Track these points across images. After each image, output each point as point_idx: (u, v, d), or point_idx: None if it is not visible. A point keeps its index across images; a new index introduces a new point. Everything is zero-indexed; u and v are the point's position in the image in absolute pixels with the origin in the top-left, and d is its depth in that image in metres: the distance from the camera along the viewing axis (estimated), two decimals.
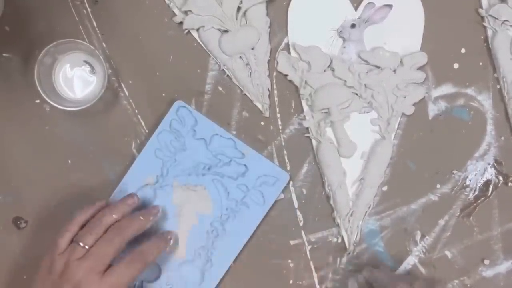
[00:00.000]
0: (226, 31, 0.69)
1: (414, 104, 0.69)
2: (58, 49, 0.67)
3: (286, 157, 0.70)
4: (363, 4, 0.69)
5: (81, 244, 0.61)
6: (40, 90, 0.65)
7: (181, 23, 0.70)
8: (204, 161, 0.69)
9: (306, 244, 0.70)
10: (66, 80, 0.69)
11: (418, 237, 0.69)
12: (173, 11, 0.70)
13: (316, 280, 0.70)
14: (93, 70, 0.68)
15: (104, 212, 0.63)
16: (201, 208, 0.69)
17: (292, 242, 0.70)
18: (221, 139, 0.69)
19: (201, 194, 0.69)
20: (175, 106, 0.69)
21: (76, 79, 0.69)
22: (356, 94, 0.69)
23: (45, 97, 0.65)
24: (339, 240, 0.70)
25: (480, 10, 0.70)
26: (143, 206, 0.68)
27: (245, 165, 0.68)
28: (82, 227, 0.63)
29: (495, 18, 0.68)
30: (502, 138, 0.69)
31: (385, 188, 0.70)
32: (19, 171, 0.70)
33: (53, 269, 0.61)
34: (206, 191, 0.69)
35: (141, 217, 0.64)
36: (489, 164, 0.69)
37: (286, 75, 0.70)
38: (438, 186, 0.69)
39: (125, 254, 0.62)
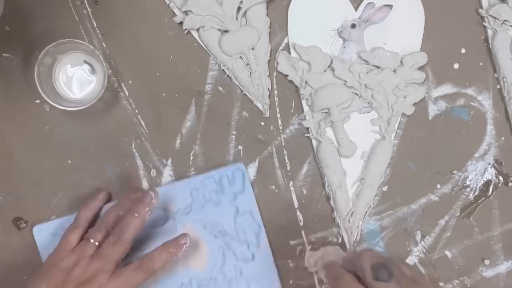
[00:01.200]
0: (226, 31, 0.69)
1: (414, 104, 0.69)
2: (58, 49, 0.67)
3: (286, 157, 0.70)
4: (363, 4, 0.69)
5: (92, 240, 0.62)
6: (40, 90, 0.65)
7: (181, 23, 0.70)
8: (225, 226, 0.68)
9: (306, 244, 0.70)
10: (66, 80, 0.69)
11: (418, 237, 0.69)
12: (173, 11, 0.70)
13: (316, 280, 0.69)
14: (93, 70, 0.68)
15: (111, 210, 0.64)
16: (195, 263, 0.68)
17: (292, 242, 0.70)
18: (250, 219, 0.68)
19: (200, 251, 0.68)
20: (236, 167, 0.69)
21: (76, 79, 0.69)
22: (356, 94, 0.69)
23: (45, 97, 0.65)
24: (339, 240, 0.70)
25: (480, 10, 0.70)
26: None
27: (253, 254, 0.68)
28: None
29: (495, 18, 0.68)
30: (502, 138, 0.69)
31: (385, 188, 0.70)
32: (19, 171, 0.70)
33: (62, 265, 0.61)
34: (206, 250, 0.68)
35: (135, 214, 0.63)
36: (489, 164, 0.69)
37: (286, 75, 0.70)
38: (438, 186, 0.69)
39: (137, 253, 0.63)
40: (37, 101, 0.70)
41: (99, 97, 0.66)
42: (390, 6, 0.69)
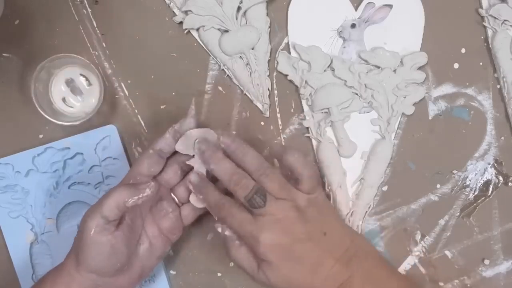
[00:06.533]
0: (226, 31, 0.69)
1: (414, 104, 0.69)
2: (54, 64, 0.66)
3: None
4: (363, 4, 0.69)
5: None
6: (37, 106, 0.65)
7: (181, 23, 0.70)
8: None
9: None
10: (63, 94, 0.68)
11: (418, 237, 0.69)
12: (173, 11, 0.70)
13: None
14: (89, 84, 0.68)
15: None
16: None
17: None
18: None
19: None
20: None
21: (73, 92, 0.68)
22: (356, 94, 0.69)
23: (43, 113, 0.65)
24: None
25: (480, 10, 0.70)
26: None
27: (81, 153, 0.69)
28: None
29: (495, 18, 0.68)
30: (502, 138, 0.69)
31: (385, 188, 0.70)
32: None
33: None
34: None
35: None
36: (489, 164, 0.69)
37: (286, 75, 0.70)
38: (438, 186, 0.69)
39: None
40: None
41: (96, 110, 0.66)
42: (390, 6, 0.69)
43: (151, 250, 0.63)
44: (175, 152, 0.64)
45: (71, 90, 0.68)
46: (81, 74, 0.68)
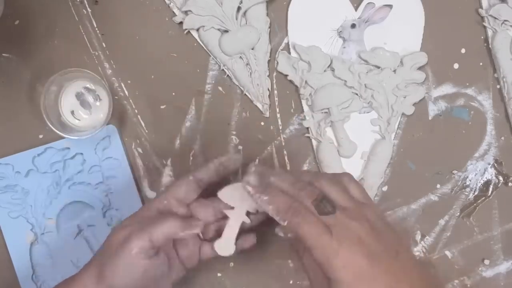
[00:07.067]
0: (226, 31, 0.69)
1: (414, 104, 0.69)
2: (64, 77, 0.66)
3: (286, 157, 0.70)
4: (363, 4, 0.69)
5: None
6: (47, 121, 0.65)
7: (181, 23, 0.70)
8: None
9: None
10: (71, 108, 0.68)
11: (418, 237, 0.69)
12: (173, 11, 0.70)
13: None
14: (98, 98, 0.68)
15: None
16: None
17: None
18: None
19: None
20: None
21: (81, 106, 0.68)
22: (356, 94, 0.69)
23: (52, 127, 0.65)
24: None
25: (480, 10, 0.70)
26: None
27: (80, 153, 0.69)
28: None
29: (495, 18, 0.68)
30: (502, 138, 0.70)
31: (385, 188, 0.70)
32: None
33: None
34: None
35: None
36: (489, 164, 0.69)
37: (286, 75, 0.70)
38: (438, 186, 0.69)
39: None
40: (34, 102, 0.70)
41: (105, 125, 0.66)
42: (390, 6, 0.69)
43: (168, 273, 0.61)
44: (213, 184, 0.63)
45: (80, 104, 0.68)
46: (89, 89, 0.68)
